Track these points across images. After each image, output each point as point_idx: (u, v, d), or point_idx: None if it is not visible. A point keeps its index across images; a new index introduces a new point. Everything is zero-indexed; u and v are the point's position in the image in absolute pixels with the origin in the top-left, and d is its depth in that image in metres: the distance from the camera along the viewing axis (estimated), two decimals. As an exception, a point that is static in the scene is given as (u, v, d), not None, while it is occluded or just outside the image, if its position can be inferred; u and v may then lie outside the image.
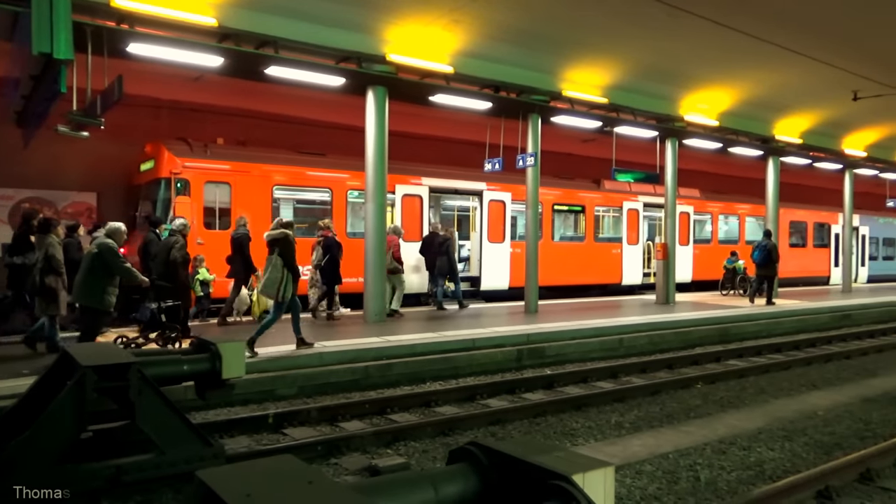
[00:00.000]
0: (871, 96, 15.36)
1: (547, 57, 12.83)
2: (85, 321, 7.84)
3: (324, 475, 2.39)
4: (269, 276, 8.35)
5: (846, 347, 11.91)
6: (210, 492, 2.03)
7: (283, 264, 8.31)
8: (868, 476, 5.28)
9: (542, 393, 8.20)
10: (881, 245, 29.30)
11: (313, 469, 2.45)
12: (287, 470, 2.34)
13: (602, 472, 2.52)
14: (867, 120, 18.40)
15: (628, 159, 18.75)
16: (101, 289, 7.53)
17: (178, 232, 9.27)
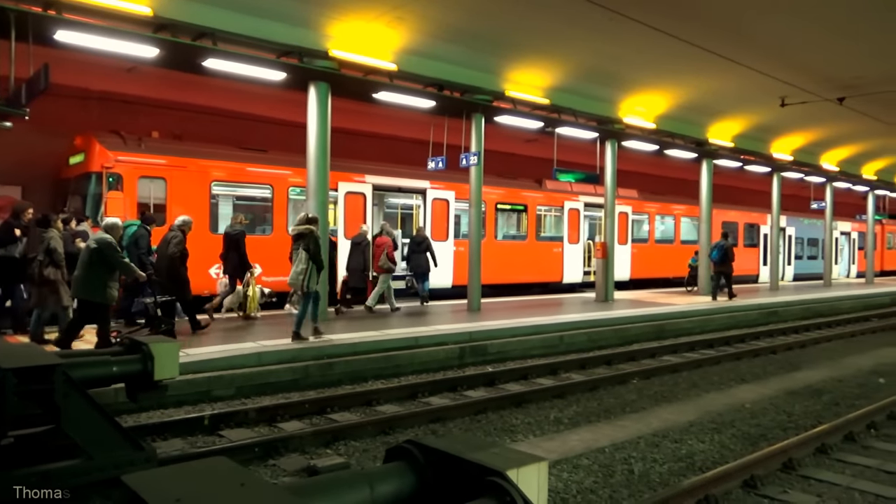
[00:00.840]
0: (797, 103, 16.09)
1: (490, 57, 12.93)
2: (85, 316, 7.93)
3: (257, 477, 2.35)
4: (295, 268, 8.98)
5: (773, 343, 12.46)
6: (137, 497, 1.97)
7: (308, 257, 8.87)
8: (790, 465, 5.54)
9: (483, 390, 8.27)
10: (806, 245, 30.78)
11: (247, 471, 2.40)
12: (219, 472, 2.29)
13: (536, 467, 2.57)
14: (794, 125, 19.26)
15: (570, 160, 19.11)
16: (103, 283, 7.69)
17: (178, 228, 9.54)
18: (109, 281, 7.74)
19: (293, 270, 9.06)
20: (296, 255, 9.15)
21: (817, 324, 15.39)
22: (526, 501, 2.32)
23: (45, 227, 8.67)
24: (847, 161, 24.23)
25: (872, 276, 28.48)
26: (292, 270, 9.10)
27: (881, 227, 33.97)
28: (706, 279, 19.04)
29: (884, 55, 13.78)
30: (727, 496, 4.88)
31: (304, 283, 8.93)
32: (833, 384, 9.11)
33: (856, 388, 8.91)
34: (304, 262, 8.91)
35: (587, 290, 18.90)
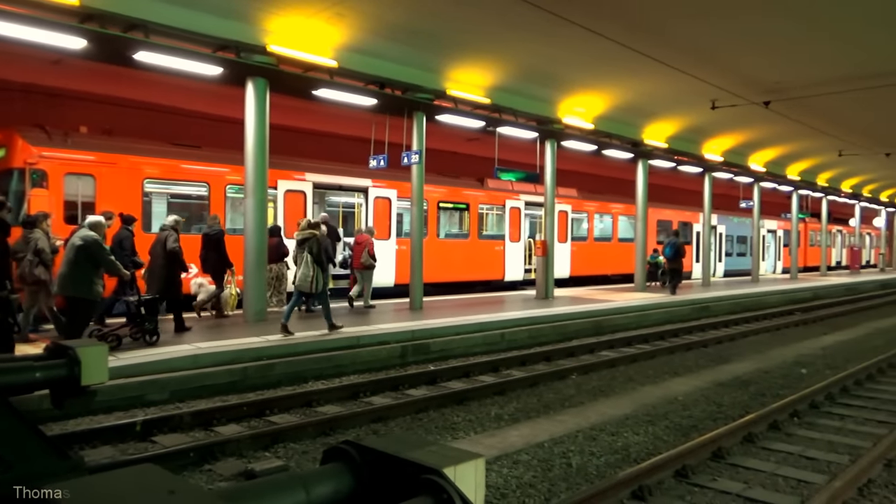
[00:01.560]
0: (726, 106, 16.73)
1: (432, 56, 12.95)
2: (73, 313, 7.98)
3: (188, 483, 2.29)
4: (302, 271, 9.53)
5: (704, 337, 12.93)
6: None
7: (313, 260, 9.43)
8: (719, 454, 5.77)
9: (425, 389, 8.28)
10: (735, 242, 32.08)
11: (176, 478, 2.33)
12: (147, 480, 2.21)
13: (473, 464, 2.58)
14: (723, 127, 20.03)
15: (511, 159, 19.33)
16: (89, 280, 7.82)
17: (171, 227, 9.76)
18: (95, 278, 7.89)
19: (301, 273, 9.60)
20: (300, 259, 9.68)
21: (746, 318, 16.06)
22: (462, 498, 2.33)
23: (31, 227, 8.84)
24: (773, 162, 25.36)
25: (796, 272, 29.91)
26: (300, 273, 9.61)
27: (804, 225, 35.73)
28: (642, 276, 19.61)
29: (804, 63, 14.48)
30: (660, 486, 5.04)
31: (313, 286, 9.53)
32: (760, 375, 9.53)
33: (780, 378, 9.35)
34: (310, 266, 9.50)
35: (528, 288, 19.16)
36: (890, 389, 8.59)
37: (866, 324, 16.17)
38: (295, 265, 10.11)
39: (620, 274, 23.74)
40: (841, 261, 42.33)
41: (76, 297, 7.80)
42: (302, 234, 9.76)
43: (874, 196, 37.32)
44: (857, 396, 8.19)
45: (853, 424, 6.92)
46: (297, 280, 9.74)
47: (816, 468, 5.54)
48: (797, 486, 5.11)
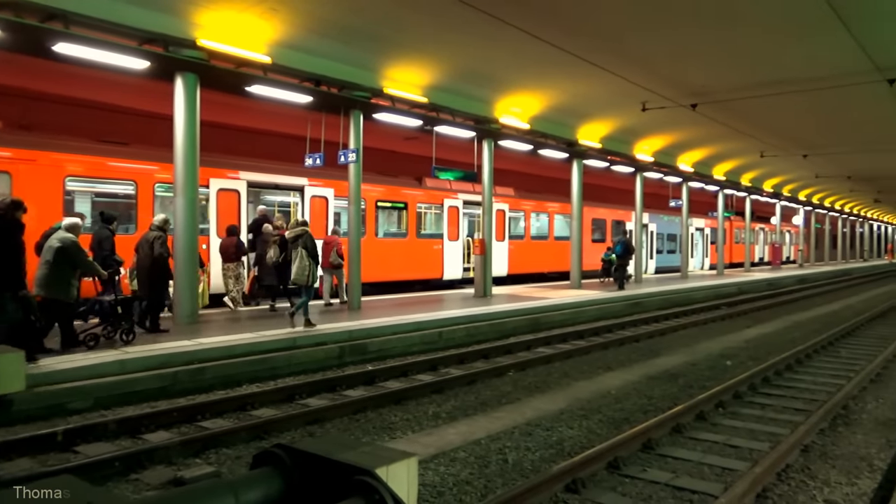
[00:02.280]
0: (656, 108, 17.28)
1: (368, 54, 12.86)
2: (50, 314, 8.10)
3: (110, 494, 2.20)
4: (297, 265, 10.20)
5: (636, 332, 13.32)
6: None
7: (308, 255, 10.19)
8: (650, 445, 5.96)
9: (363, 389, 8.22)
10: (665, 240, 33.22)
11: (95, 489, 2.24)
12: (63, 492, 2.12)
13: (405, 464, 2.59)
14: (654, 129, 20.69)
15: (449, 158, 19.42)
16: (67, 281, 8.03)
17: (159, 227, 9.86)
18: (72, 279, 8.10)
19: (297, 267, 10.25)
20: (294, 255, 10.35)
21: (675, 313, 16.63)
22: (394, 498, 2.33)
23: None
24: (700, 162, 26.37)
25: (723, 268, 31.19)
26: (296, 267, 10.25)
27: (730, 223, 37.32)
28: (577, 273, 20.03)
29: (727, 69, 15.13)
30: (593, 478, 5.16)
31: (308, 278, 10.27)
32: (688, 368, 9.89)
33: (707, 370, 9.73)
34: (305, 260, 10.22)
35: (467, 287, 19.30)
36: (806, 379, 9.07)
37: (786, 317, 17.01)
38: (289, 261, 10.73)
39: (557, 272, 24.19)
40: (764, 257, 44.41)
41: (53, 299, 7.99)
42: (294, 232, 10.56)
43: (793, 195, 39.30)
44: (777, 386, 8.61)
45: (773, 413, 7.27)
46: (293, 274, 10.38)
47: (739, 455, 5.79)
48: (721, 474, 5.33)
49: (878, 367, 9.63)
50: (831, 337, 12.47)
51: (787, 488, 5.04)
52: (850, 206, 50.88)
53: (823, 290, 26.61)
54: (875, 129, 22.06)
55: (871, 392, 8.32)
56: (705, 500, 4.72)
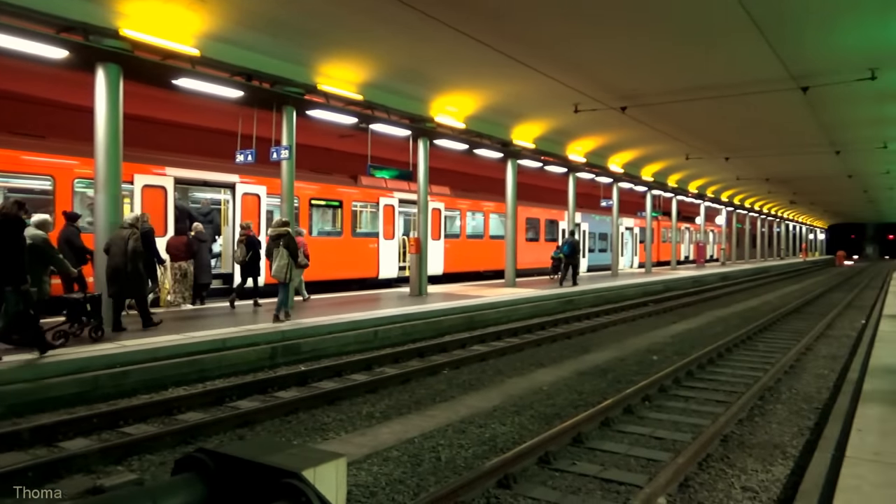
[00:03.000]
0: (588, 110, 17.69)
1: (302, 49, 12.64)
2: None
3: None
4: (277, 263, 10.84)
5: (569, 329, 13.61)
6: None
7: (288, 253, 10.81)
8: (579, 439, 6.10)
9: (295, 390, 8.09)
10: (597, 239, 34.09)
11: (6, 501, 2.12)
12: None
13: (334, 465, 2.56)
14: (586, 130, 21.19)
15: (385, 156, 19.31)
16: (38, 279, 8.01)
17: (133, 224, 9.83)
18: (44, 276, 8.13)
19: (277, 265, 10.86)
20: (276, 253, 10.92)
21: (606, 310, 17.10)
22: (321, 500, 2.30)
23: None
24: (630, 164, 27.18)
25: (651, 266, 32.26)
26: (276, 265, 10.86)
27: (657, 223, 38.62)
28: (512, 271, 20.30)
29: (654, 73, 15.64)
30: (524, 473, 5.24)
31: (287, 275, 10.88)
32: (617, 363, 10.18)
33: (635, 365, 10.04)
34: (284, 258, 10.83)
35: (402, 286, 19.26)
36: (727, 372, 9.50)
37: (709, 313, 17.75)
38: (269, 259, 11.25)
39: (492, 270, 24.46)
40: (689, 255, 46.17)
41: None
42: (276, 231, 11.12)
43: (716, 196, 41.04)
44: (700, 379, 8.98)
45: (696, 405, 7.57)
46: (273, 271, 10.98)
47: (664, 447, 6.00)
48: (647, 465, 5.51)
49: (792, 360, 10.17)
50: (750, 331, 13.09)
51: (708, 477, 5.26)
52: (768, 206, 53.56)
53: (744, 286, 27.90)
54: (791, 134, 23.28)
55: (785, 383, 8.78)
56: (631, 491, 4.86)
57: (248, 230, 13.32)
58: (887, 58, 13.73)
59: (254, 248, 13.14)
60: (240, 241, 13.12)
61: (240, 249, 12.96)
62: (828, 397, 7.97)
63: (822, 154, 26.25)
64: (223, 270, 15.95)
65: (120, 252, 9.48)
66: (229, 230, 15.91)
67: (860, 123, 21.44)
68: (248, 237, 13.09)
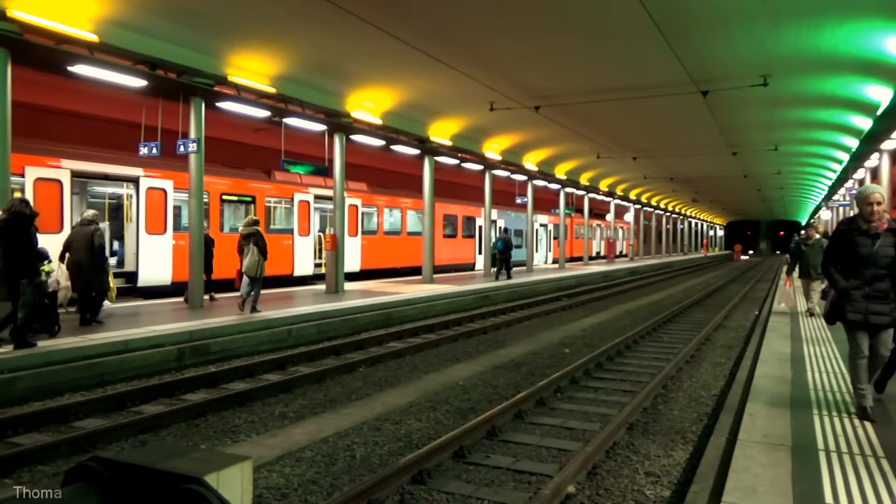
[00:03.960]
0: (503, 108, 18.00)
1: (211, 38, 12.19)
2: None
3: None
4: (249, 259, 11.58)
5: (484, 324, 13.80)
6: None
7: (259, 251, 11.56)
8: (493, 432, 6.20)
9: (204, 392, 7.81)
10: (512, 235, 34.70)
11: None
12: None
13: (239, 468, 2.47)
14: (501, 128, 21.55)
15: (300, 151, 18.96)
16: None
17: (92, 221, 10.08)
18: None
19: (248, 261, 11.60)
20: (246, 250, 11.65)
21: (520, 305, 17.46)
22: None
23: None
24: (544, 162, 27.87)
25: (564, 262, 33.20)
26: (247, 261, 11.61)
27: (570, 220, 39.78)
28: (429, 267, 20.39)
29: (566, 74, 16.10)
30: (439, 468, 5.27)
31: (258, 270, 11.59)
32: (530, 357, 10.42)
33: (548, 358, 10.30)
34: (255, 255, 11.58)
35: (318, 283, 18.96)
36: (633, 363, 9.91)
37: (618, 306, 18.46)
38: (240, 255, 11.94)
39: (410, 267, 24.48)
40: (600, 251, 47.88)
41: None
42: (247, 230, 11.82)
43: (625, 194, 42.75)
44: (609, 370, 9.32)
45: (604, 395, 7.86)
46: (245, 266, 11.66)
47: (574, 437, 6.19)
48: (558, 455, 5.66)
49: (693, 350, 10.73)
50: (655, 324, 13.71)
51: (614, 464, 5.47)
52: (672, 204, 56.30)
53: (650, 281, 29.20)
54: (692, 135, 24.54)
55: (686, 372, 9.25)
56: (542, 481, 4.98)
57: (206, 228, 14.04)
58: (778, 66, 14.71)
59: (207, 246, 13.46)
60: None
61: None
62: (724, 384, 8.46)
63: (720, 155, 27.84)
64: (126, 268, 15.17)
65: (83, 248, 9.71)
66: (133, 226, 15.14)
67: (754, 127, 22.88)
68: (205, 236, 13.61)
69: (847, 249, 5.22)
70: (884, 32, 12.33)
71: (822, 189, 43.88)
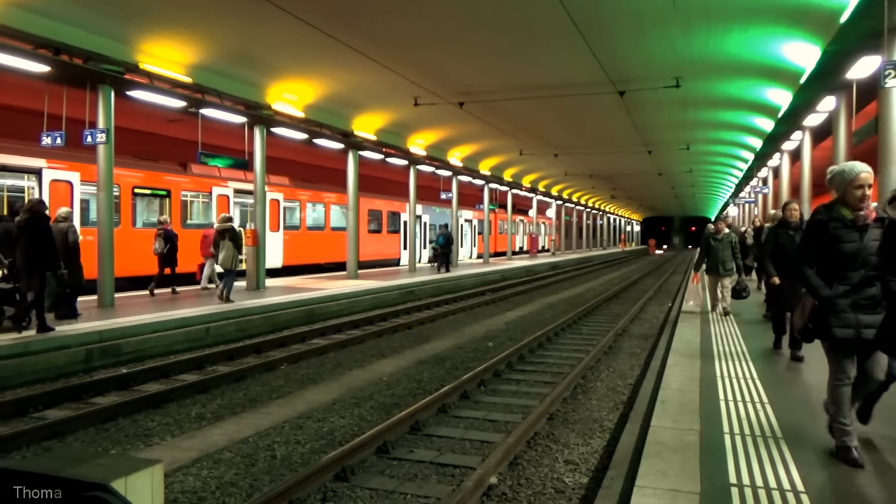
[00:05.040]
0: (427, 104, 18.03)
1: (120, 23, 11.60)
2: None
3: None
4: (224, 254, 12.81)
5: (409, 319, 13.81)
6: None
7: (234, 245, 12.77)
8: (417, 427, 6.21)
9: (115, 395, 7.46)
10: (438, 230, 34.86)
11: None
12: None
13: (149, 472, 2.38)
14: (426, 123, 21.57)
15: (220, 143, 18.36)
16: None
17: (65, 218, 10.49)
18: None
19: (223, 255, 12.85)
20: (222, 244, 12.86)
21: (445, 300, 17.57)
22: (132, 511, 2.13)
23: None
24: (468, 158, 28.12)
25: (489, 257, 33.64)
26: (223, 255, 12.85)
27: (494, 215, 40.34)
28: (354, 263, 20.21)
29: (490, 71, 16.29)
30: (362, 464, 5.25)
31: (233, 263, 12.84)
32: (455, 351, 10.50)
33: (472, 352, 10.42)
34: (231, 249, 12.80)
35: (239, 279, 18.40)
36: (554, 354, 10.16)
37: (540, 300, 18.88)
38: (216, 250, 13.27)
39: (334, 262, 24.16)
40: (523, 246, 48.81)
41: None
42: (222, 226, 13.14)
43: (547, 190, 43.71)
44: (531, 363, 9.52)
45: (526, 387, 8.02)
46: (221, 260, 12.93)
47: (496, 428, 6.28)
48: (481, 447, 5.74)
49: (610, 341, 11.11)
50: (576, 316, 14.11)
51: (535, 454, 5.59)
52: (592, 200, 58.05)
53: (571, 275, 30.01)
54: (611, 133, 25.36)
55: (604, 363, 9.57)
56: (465, 473, 5.04)
57: (167, 224, 14.49)
58: (689, 68, 15.40)
59: (171, 240, 14.04)
60: (157, 235, 14.10)
61: (158, 242, 14.01)
62: (639, 373, 8.80)
63: (637, 153, 28.92)
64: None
65: (58, 245, 9.63)
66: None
67: (668, 126, 23.88)
68: (165, 231, 14.11)
69: (827, 245, 4.06)
70: (783, 39, 13.13)
71: (729, 186, 46.36)
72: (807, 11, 11.48)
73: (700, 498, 3.50)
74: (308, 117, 17.37)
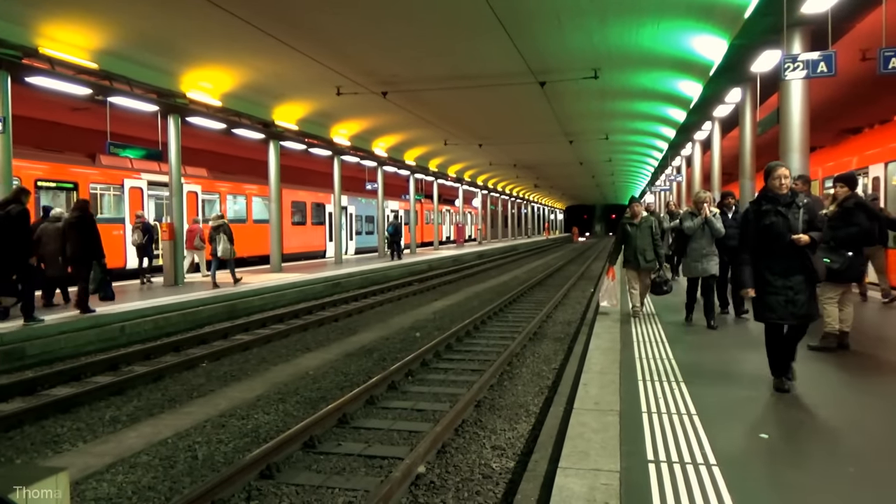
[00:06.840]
0: (350, 93, 17.76)
1: (16, 5, 10.85)
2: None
3: None
4: (222, 246, 14.58)
5: (336, 312, 13.64)
6: None
7: (228, 238, 14.57)
8: (344, 420, 6.16)
9: (20, 401, 7.01)
10: (364, 222, 34.61)
11: None
12: None
13: (53, 481, 2.25)
14: (349, 113, 21.27)
15: (132, 133, 17.51)
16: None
17: (60, 218, 10.97)
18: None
19: (221, 248, 14.57)
20: (217, 239, 14.52)
21: (373, 291, 17.45)
22: (34, 524, 2.00)
23: None
24: (393, 148, 27.95)
25: (415, 247, 33.63)
26: (220, 248, 14.57)
27: (421, 205, 40.34)
28: (278, 256, 19.78)
29: (412, 61, 16.21)
30: (288, 460, 5.15)
31: (230, 255, 14.64)
32: (382, 342, 10.45)
33: (399, 343, 10.40)
34: (227, 242, 14.54)
35: (156, 275, 17.66)
36: (482, 343, 10.28)
37: (467, 289, 19.05)
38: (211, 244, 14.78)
39: (257, 256, 23.55)
40: (450, 236, 49.10)
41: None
42: (216, 223, 14.83)
43: (473, 180, 44.06)
44: (458, 351, 9.60)
45: (454, 375, 8.08)
46: (219, 252, 14.59)
47: (425, 418, 6.30)
48: (409, 437, 5.74)
49: (535, 328, 11.34)
50: (502, 304, 14.31)
51: (463, 441, 5.64)
52: (517, 190, 58.95)
53: (498, 263, 30.43)
54: (533, 124, 25.78)
55: (529, 349, 9.76)
56: (393, 464, 5.03)
57: (143, 218, 15.50)
58: (607, 60, 15.82)
59: (149, 232, 15.15)
60: (135, 228, 15.20)
61: (136, 234, 15.11)
62: (563, 358, 9.03)
63: (558, 143, 29.53)
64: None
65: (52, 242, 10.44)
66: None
67: (587, 117, 24.50)
68: (143, 224, 15.14)
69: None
70: (693, 33, 13.69)
71: (646, 175, 48.10)
72: (714, 7, 12.01)
73: (620, 475, 3.62)
74: (226, 106, 16.80)
